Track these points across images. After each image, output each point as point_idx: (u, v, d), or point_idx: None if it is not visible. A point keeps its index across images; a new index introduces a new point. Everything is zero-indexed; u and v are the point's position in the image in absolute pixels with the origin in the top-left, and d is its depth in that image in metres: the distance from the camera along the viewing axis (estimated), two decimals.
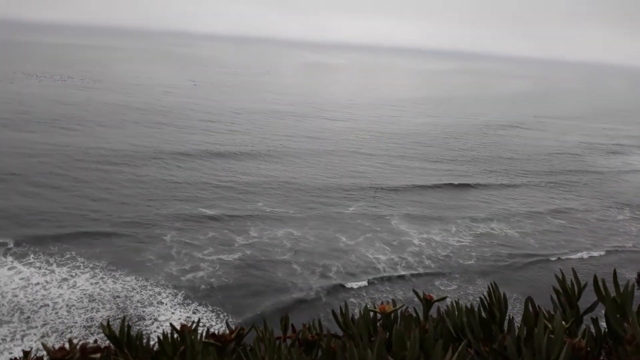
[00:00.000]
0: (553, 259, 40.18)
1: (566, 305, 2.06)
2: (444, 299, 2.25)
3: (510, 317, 2.33)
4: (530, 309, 2.22)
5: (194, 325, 2.28)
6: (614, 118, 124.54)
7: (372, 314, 2.21)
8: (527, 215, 49.24)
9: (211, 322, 28.39)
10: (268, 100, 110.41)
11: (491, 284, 2.28)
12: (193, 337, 2.18)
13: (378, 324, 2.26)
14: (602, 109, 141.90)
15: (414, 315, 2.23)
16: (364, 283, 34.38)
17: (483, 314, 2.24)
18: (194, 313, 29.20)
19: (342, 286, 33.77)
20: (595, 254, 41.99)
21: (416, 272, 36.71)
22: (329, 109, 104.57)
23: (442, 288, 34.60)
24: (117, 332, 2.36)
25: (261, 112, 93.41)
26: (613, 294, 1.96)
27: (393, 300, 2.23)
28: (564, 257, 40.61)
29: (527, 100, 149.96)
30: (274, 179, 53.67)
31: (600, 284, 1.84)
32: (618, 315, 1.70)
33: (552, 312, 2.18)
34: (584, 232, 46.66)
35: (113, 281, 31.48)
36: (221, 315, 29.17)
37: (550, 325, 1.87)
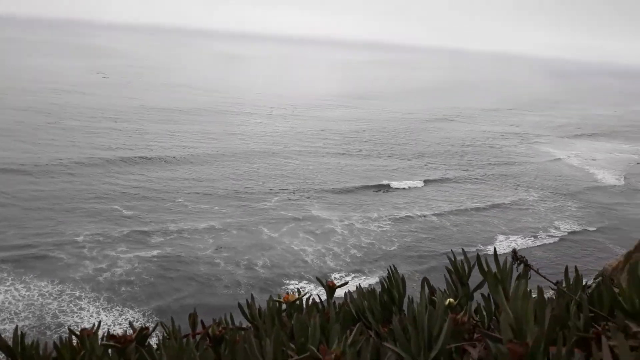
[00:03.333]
0: (470, 244, 42.31)
1: (458, 283, 2.18)
2: (345, 284, 2.33)
3: (411, 298, 2.44)
4: (427, 289, 2.35)
5: (95, 328, 2.19)
6: (530, 108, 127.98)
7: (278, 304, 2.24)
8: (450, 207, 50.91)
9: (137, 323, 27.46)
10: (183, 95, 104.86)
11: (390, 267, 2.38)
12: (93, 340, 2.09)
13: (285, 313, 2.29)
14: (518, 99, 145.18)
15: (319, 301, 2.28)
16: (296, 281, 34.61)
17: (384, 297, 2.33)
18: (120, 315, 28.10)
19: (270, 279, 33.80)
20: (513, 237, 44.69)
21: (343, 261, 37.47)
22: (248, 104, 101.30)
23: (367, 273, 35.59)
24: (9, 342, 2.22)
25: (175, 109, 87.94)
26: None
27: (298, 289, 2.27)
28: (481, 242, 42.90)
29: (448, 92, 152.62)
30: (191, 181, 51.01)
31: (484, 262, 1.98)
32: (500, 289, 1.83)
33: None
34: (501, 218, 49.19)
35: (24, 287, 29.60)
36: (147, 315, 28.32)
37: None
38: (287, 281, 33.65)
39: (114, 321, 27.50)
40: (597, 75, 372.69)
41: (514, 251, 1.90)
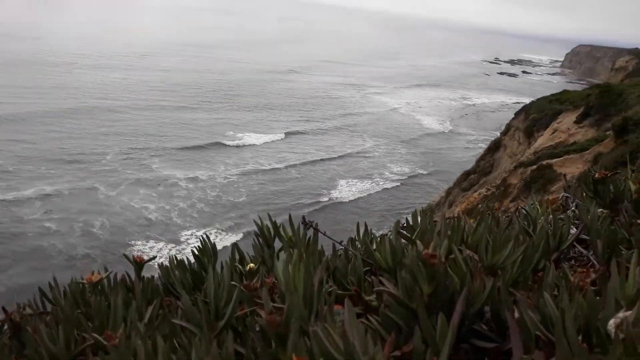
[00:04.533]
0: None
1: (264, 246, 2.30)
2: (154, 258, 2.32)
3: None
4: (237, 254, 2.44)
5: None
6: (367, 60, 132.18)
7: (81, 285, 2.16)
8: (295, 157, 52.12)
9: None
10: None
11: (202, 235, 2.43)
12: None
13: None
14: (357, 51, 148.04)
15: (127, 279, 2.25)
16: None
17: (195, 266, 2.37)
18: None
19: (112, 241, 32.02)
20: (353, 181, 47.61)
21: (190, 216, 36.85)
22: (69, 52, 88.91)
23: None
24: None
25: None
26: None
27: (105, 268, 2.21)
28: (325, 189, 45.04)
29: (289, 43, 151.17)
30: (9, 142, 44.70)
31: (281, 228, 2.12)
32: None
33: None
34: (343, 166, 51.78)
35: None
36: None
37: (242, 269, 2.09)
38: (132, 242, 32.23)
39: None
40: (432, 30, 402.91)
41: (303, 217, 2.07)
